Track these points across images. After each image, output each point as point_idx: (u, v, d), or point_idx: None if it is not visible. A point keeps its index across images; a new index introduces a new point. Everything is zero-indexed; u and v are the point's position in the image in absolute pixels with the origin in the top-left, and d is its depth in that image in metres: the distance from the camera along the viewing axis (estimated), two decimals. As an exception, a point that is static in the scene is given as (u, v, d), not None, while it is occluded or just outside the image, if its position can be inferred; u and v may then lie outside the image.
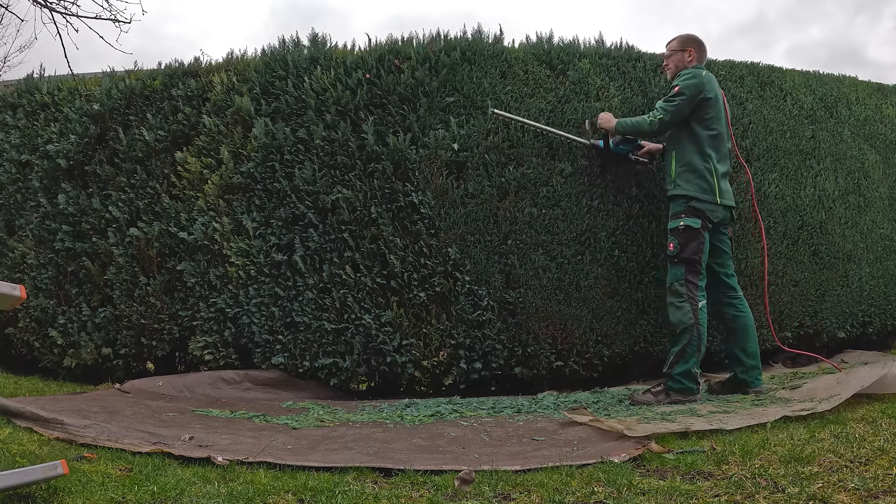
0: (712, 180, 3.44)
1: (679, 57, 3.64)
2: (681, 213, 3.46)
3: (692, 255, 3.39)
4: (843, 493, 1.73)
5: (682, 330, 3.36)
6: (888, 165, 5.06)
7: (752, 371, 3.47)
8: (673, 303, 3.43)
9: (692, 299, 3.37)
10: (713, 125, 3.49)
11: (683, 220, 3.43)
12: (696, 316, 3.35)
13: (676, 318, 3.40)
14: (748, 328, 3.53)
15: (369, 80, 3.99)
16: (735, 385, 3.49)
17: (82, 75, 5.14)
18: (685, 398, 3.31)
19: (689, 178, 3.46)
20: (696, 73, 3.50)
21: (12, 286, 1.79)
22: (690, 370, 3.33)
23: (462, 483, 2.03)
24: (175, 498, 1.92)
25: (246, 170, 4.01)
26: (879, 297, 4.82)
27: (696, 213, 3.43)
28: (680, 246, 3.41)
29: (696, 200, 3.43)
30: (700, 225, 3.41)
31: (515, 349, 3.89)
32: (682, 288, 3.39)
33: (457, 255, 3.85)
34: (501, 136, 3.94)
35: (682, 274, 3.40)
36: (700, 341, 3.35)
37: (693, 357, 3.33)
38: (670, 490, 1.88)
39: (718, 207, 3.47)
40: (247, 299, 3.97)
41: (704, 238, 3.43)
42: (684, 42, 3.66)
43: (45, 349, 4.37)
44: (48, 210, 4.37)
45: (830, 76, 5.06)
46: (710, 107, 3.47)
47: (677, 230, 3.44)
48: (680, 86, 3.48)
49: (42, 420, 2.64)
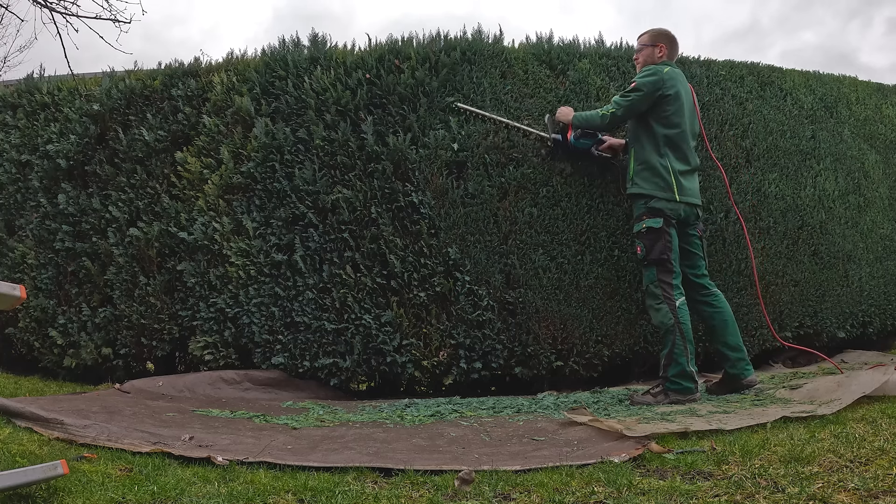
0: (669, 178, 3.42)
1: (649, 52, 3.62)
2: (642, 215, 3.45)
3: (660, 256, 3.37)
4: (843, 493, 1.73)
5: (665, 332, 3.35)
6: (888, 165, 5.06)
7: (739, 363, 3.46)
8: (651, 305, 3.43)
9: (668, 299, 3.35)
10: (673, 122, 3.45)
11: (645, 223, 3.42)
12: (675, 315, 3.32)
13: (658, 319, 3.40)
14: (727, 322, 3.51)
15: (369, 80, 3.99)
16: (728, 382, 3.49)
17: (82, 75, 5.14)
18: (685, 398, 3.30)
19: (647, 176, 3.45)
20: (657, 70, 3.46)
21: (12, 286, 1.79)
22: (685, 369, 3.31)
23: (462, 483, 2.03)
24: (175, 498, 1.92)
25: (246, 170, 4.01)
26: (879, 297, 4.82)
27: (656, 213, 3.41)
28: (646, 248, 3.40)
29: (654, 199, 3.42)
30: (662, 223, 3.39)
31: (515, 349, 3.89)
32: (657, 290, 3.38)
33: (457, 255, 3.85)
34: (501, 136, 3.94)
35: (654, 275, 3.39)
36: (685, 339, 3.32)
37: (682, 356, 3.31)
38: (670, 490, 1.88)
39: (679, 205, 3.44)
40: (247, 299, 3.97)
41: (671, 235, 3.41)
42: (655, 37, 3.63)
43: (45, 349, 4.37)
44: (48, 210, 4.37)
45: (830, 76, 5.06)
46: (669, 104, 3.43)
47: (640, 233, 3.44)
48: (637, 82, 3.47)
49: (42, 420, 2.64)
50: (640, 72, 3.54)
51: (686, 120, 3.52)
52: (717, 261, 4.15)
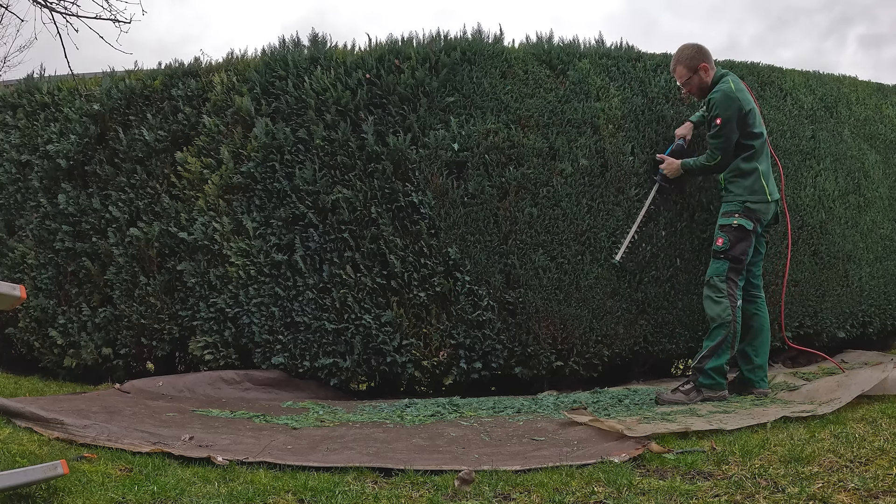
0: (761, 182, 3.43)
1: (697, 79, 3.54)
2: (735, 212, 3.44)
3: (739, 255, 3.39)
4: (843, 493, 1.73)
5: (720, 325, 3.35)
6: (888, 165, 5.06)
7: (757, 371, 3.49)
8: (710, 296, 3.42)
9: (732, 296, 3.37)
10: (755, 131, 3.45)
11: (737, 220, 3.41)
12: (734, 313, 3.35)
13: (715, 312, 3.38)
14: (763, 329, 3.55)
15: (369, 80, 3.99)
16: (740, 384, 3.50)
17: (82, 75, 5.14)
18: (716, 394, 3.31)
19: (740, 182, 3.45)
20: (727, 92, 3.38)
21: (12, 286, 1.79)
22: (722, 366, 3.33)
23: (462, 483, 2.03)
24: (175, 498, 1.92)
25: (246, 170, 4.01)
26: (879, 297, 4.82)
27: (751, 214, 3.41)
28: (730, 243, 3.39)
29: (749, 202, 3.42)
30: (752, 227, 3.41)
31: (515, 349, 3.89)
32: (722, 284, 3.39)
33: (457, 255, 3.85)
34: (501, 136, 3.94)
35: (724, 270, 3.39)
36: (735, 339, 3.36)
37: (727, 353, 3.33)
38: (670, 490, 1.88)
39: (770, 205, 3.46)
40: (247, 299, 3.97)
41: (752, 242, 3.44)
42: (691, 62, 3.52)
43: (45, 349, 4.37)
44: (48, 210, 4.37)
45: (830, 76, 5.05)
46: (751, 118, 3.42)
47: (730, 227, 3.41)
48: (721, 116, 3.38)
49: (42, 420, 2.64)
50: (714, 99, 3.41)
51: (760, 118, 3.52)
52: (717, 261, 4.15)
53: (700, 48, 3.55)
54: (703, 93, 3.58)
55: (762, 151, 3.50)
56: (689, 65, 3.52)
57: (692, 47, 3.55)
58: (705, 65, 3.51)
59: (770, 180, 3.50)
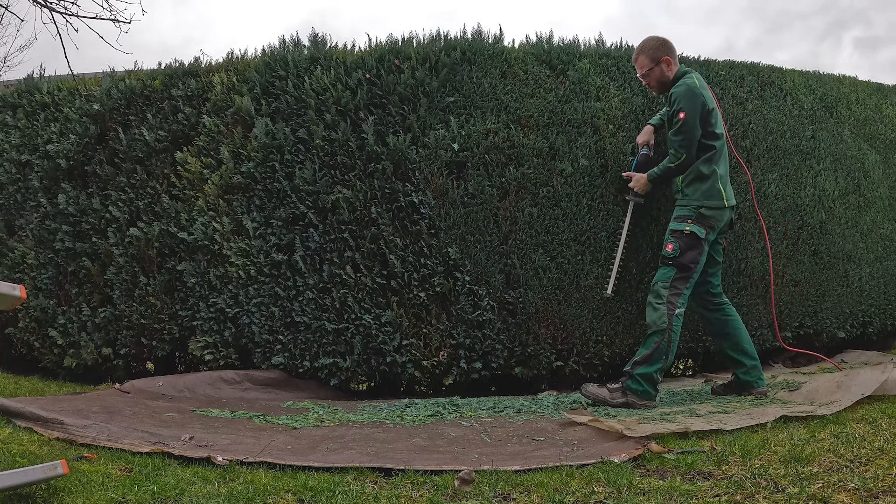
0: (718, 185, 3.35)
1: (658, 71, 3.44)
2: (688, 217, 3.34)
3: (689, 263, 3.29)
4: (843, 493, 1.73)
5: (654, 332, 3.24)
6: (888, 165, 5.06)
7: (753, 371, 3.43)
8: (651, 303, 3.33)
9: (671, 304, 3.25)
10: (716, 131, 3.38)
11: (690, 226, 3.31)
12: (670, 322, 3.23)
13: (651, 319, 3.30)
14: (740, 330, 3.48)
15: (369, 80, 3.99)
16: (738, 387, 3.46)
17: (82, 75, 5.14)
18: (641, 401, 3.21)
19: (697, 186, 3.36)
20: (690, 86, 3.30)
21: (12, 286, 1.79)
22: (653, 374, 3.22)
23: (462, 483, 2.03)
24: (175, 498, 1.92)
25: (246, 170, 4.01)
26: (879, 297, 4.82)
27: (704, 221, 3.33)
28: (680, 250, 3.29)
29: (704, 208, 3.34)
30: (704, 235, 3.31)
31: (515, 349, 3.89)
32: (665, 291, 3.28)
33: (457, 255, 3.85)
34: (501, 136, 3.94)
35: (670, 277, 3.29)
36: (669, 348, 3.23)
37: (659, 362, 3.22)
38: (670, 490, 1.88)
39: (726, 210, 3.38)
40: (247, 299, 3.97)
41: (704, 250, 3.35)
42: (654, 54, 3.43)
43: (45, 349, 4.37)
44: (48, 210, 4.37)
45: (830, 76, 5.05)
46: (713, 116, 3.36)
47: (681, 233, 3.32)
48: (684, 111, 3.28)
49: (42, 420, 2.64)
50: (677, 94, 3.32)
51: (720, 119, 3.46)
52: (717, 261, 4.15)
53: (665, 41, 3.46)
54: (662, 87, 3.48)
55: (721, 154, 3.40)
56: (651, 55, 3.43)
57: (656, 39, 3.47)
58: (668, 58, 3.42)
59: (727, 185, 3.41)
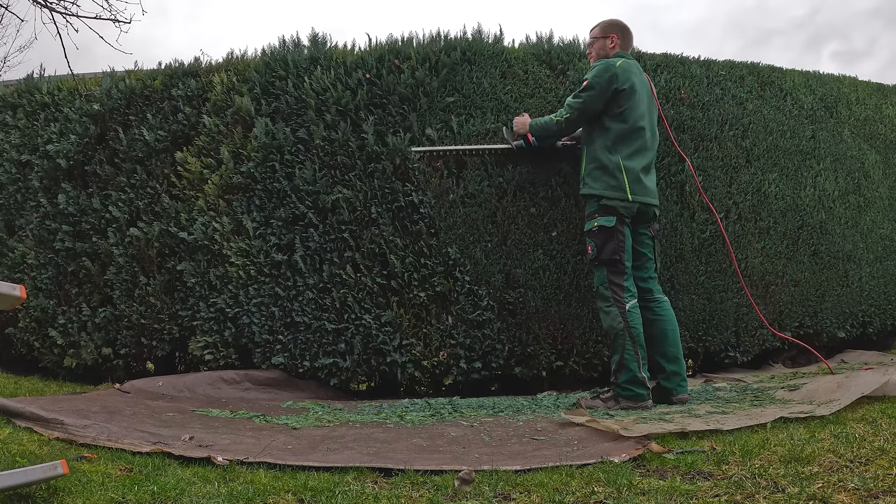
0: (621, 177, 3.26)
1: (601, 44, 3.45)
2: (594, 213, 3.31)
3: (612, 256, 3.24)
4: (843, 493, 1.73)
5: (616, 335, 3.22)
6: (888, 165, 5.06)
7: (673, 377, 3.32)
8: (601, 308, 3.30)
9: (618, 302, 3.22)
10: (628, 118, 3.28)
11: (597, 220, 3.28)
12: (625, 319, 3.19)
13: (607, 323, 3.26)
14: (667, 332, 3.35)
15: (369, 80, 3.99)
16: (660, 394, 3.33)
17: (82, 75, 5.14)
18: (636, 404, 3.18)
19: (597, 175, 3.30)
20: (609, 63, 3.29)
21: (12, 286, 1.79)
22: (635, 375, 3.18)
23: (462, 483, 2.03)
24: (175, 498, 1.92)
25: (246, 170, 4.01)
26: (879, 297, 4.82)
27: (609, 211, 3.26)
28: (598, 247, 3.27)
29: (605, 199, 3.27)
30: (615, 222, 3.25)
31: (515, 349, 3.89)
32: (607, 291, 3.25)
33: (457, 255, 3.85)
34: (502, 136, 3.94)
35: (605, 276, 3.26)
36: (636, 344, 3.19)
37: (633, 362, 3.18)
38: (670, 490, 1.88)
39: (633, 205, 3.28)
40: (247, 299, 3.97)
41: (624, 234, 3.27)
42: (606, 28, 3.46)
43: (45, 349, 4.37)
44: (48, 210, 4.37)
45: (830, 76, 5.06)
46: (624, 99, 3.27)
47: (592, 232, 3.30)
48: (589, 80, 3.28)
49: (42, 420, 2.64)
50: (592, 67, 3.36)
51: (644, 114, 3.35)
52: (717, 260, 4.15)
53: (622, 25, 3.50)
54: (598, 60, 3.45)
55: (632, 144, 3.29)
56: (603, 28, 3.50)
57: (617, 20, 3.52)
58: (614, 36, 3.45)
59: (641, 179, 3.29)
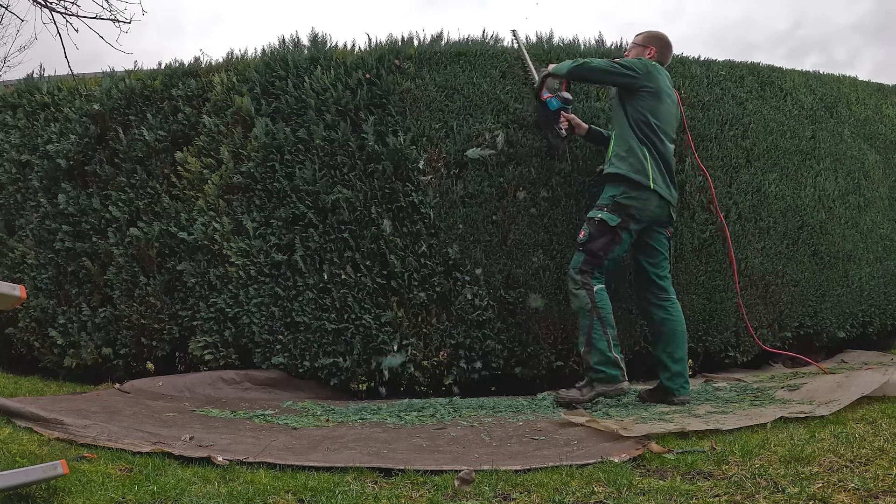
0: (646, 163, 3.30)
1: (638, 51, 3.61)
2: (603, 205, 3.34)
3: (597, 250, 3.28)
4: (843, 493, 1.73)
5: (582, 315, 3.26)
6: (888, 165, 5.06)
7: (676, 378, 3.32)
8: (570, 290, 3.35)
9: (587, 285, 3.26)
10: (658, 117, 3.38)
11: (601, 214, 3.30)
12: (592, 300, 3.23)
13: (576, 305, 3.32)
14: (676, 333, 3.38)
15: (369, 80, 3.99)
16: (661, 393, 3.36)
17: (82, 75, 5.14)
18: (611, 387, 3.19)
19: (624, 156, 3.35)
20: (646, 61, 3.46)
21: (12, 286, 1.79)
22: (606, 355, 3.18)
23: (462, 483, 2.03)
24: (175, 498, 1.92)
25: (246, 170, 4.01)
26: (879, 297, 4.82)
27: (618, 210, 3.29)
28: (589, 236, 3.30)
29: (623, 194, 3.29)
30: (617, 223, 3.28)
31: (515, 349, 3.89)
32: (577, 276, 3.30)
33: (457, 255, 3.85)
34: (501, 136, 3.94)
35: (580, 262, 3.31)
36: (604, 323, 3.21)
37: (602, 341, 3.19)
38: (670, 490, 1.88)
39: (651, 195, 3.30)
40: (247, 299, 3.97)
41: (622, 239, 3.31)
42: (648, 39, 3.63)
43: (45, 349, 4.37)
44: (48, 210, 4.37)
45: (830, 76, 5.06)
46: (652, 98, 3.38)
47: (592, 221, 3.33)
48: (625, 60, 3.46)
49: (42, 420, 2.64)
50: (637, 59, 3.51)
51: (672, 122, 3.48)
52: (717, 261, 4.15)
53: (666, 41, 3.64)
54: None
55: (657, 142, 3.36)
56: (645, 38, 3.65)
57: (662, 35, 3.66)
58: (653, 49, 3.59)
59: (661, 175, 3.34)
